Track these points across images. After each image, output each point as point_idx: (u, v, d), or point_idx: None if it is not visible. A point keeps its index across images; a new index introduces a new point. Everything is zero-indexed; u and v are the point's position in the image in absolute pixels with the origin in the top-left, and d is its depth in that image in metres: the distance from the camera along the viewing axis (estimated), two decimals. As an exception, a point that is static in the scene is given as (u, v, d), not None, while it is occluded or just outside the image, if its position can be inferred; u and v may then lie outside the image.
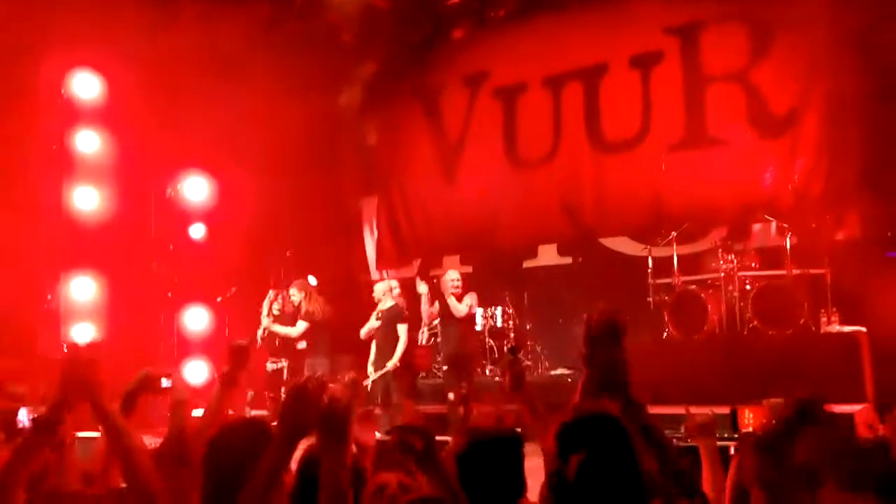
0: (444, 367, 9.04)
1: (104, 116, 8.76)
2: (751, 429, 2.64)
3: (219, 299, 9.32)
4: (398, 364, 8.39)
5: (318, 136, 10.52)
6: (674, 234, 9.01)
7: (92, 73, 8.72)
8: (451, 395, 8.15)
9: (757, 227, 8.97)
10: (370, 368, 8.46)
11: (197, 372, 8.98)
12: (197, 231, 9.34)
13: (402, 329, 8.53)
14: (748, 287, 8.49)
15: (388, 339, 8.52)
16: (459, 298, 8.49)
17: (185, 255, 9.25)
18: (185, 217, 9.32)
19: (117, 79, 8.66)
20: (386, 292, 8.81)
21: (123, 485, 2.36)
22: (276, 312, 8.72)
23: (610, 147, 10.19)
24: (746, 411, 2.49)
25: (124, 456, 2.29)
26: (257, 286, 9.20)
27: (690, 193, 9.17)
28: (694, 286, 8.82)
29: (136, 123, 8.43)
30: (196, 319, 9.17)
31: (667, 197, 9.41)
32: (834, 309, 7.99)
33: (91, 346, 2.44)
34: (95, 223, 8.48)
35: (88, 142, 8.74)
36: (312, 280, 9.76)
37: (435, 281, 9.33)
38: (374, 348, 8.60)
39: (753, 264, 8.74)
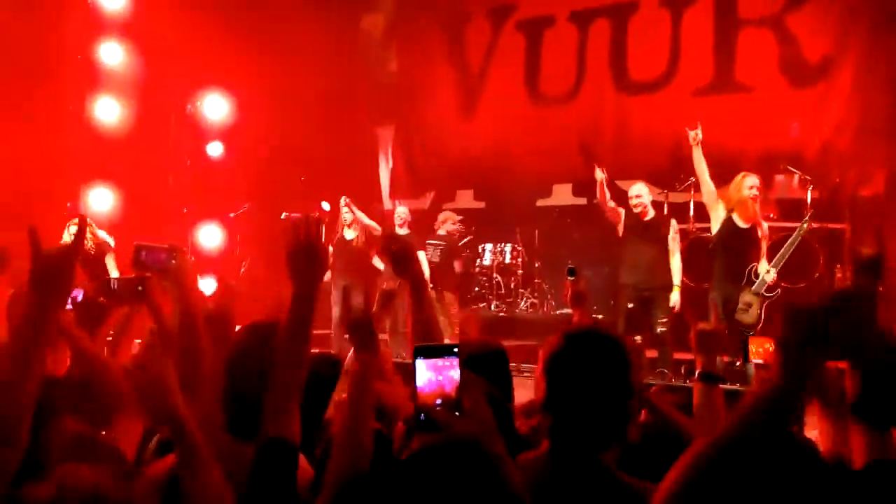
0: None
1: (129, 29, 8.64)
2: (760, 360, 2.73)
3: (231, 215, 9.34)
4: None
5: (339, 60, 10.36)
6: (692, 179, 8.91)
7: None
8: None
9: (779, 177, 8.88)
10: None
11: (207, 286, 9.05)
12: (214, 149, 9.29)
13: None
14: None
15: (443, 269, 8.32)
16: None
17: (202, 171, 9.22)
18: (203, 134, 9.25)
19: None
20: (446, 221, 8.73)
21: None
22: None
23: (634, 88, 10.03)
24: (754, 342, 2.52)
25: None
26: (271, 206, 9.19)
27: (714, 140, 9.01)
28: (707, 234, 8.77)
29: (161, 37, 8.27)
30: (209, 236, 9.19)
31: (688, 142, 9.27)
32: (849, 265, 7.96)
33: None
34: (116, 135, 8.43)
35: (113, 53, 8.64)
36: (325, 206, 9.74)
37: None
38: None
39: (771, 215, 8.67)
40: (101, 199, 8.32)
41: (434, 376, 1.73)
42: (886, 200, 7.87)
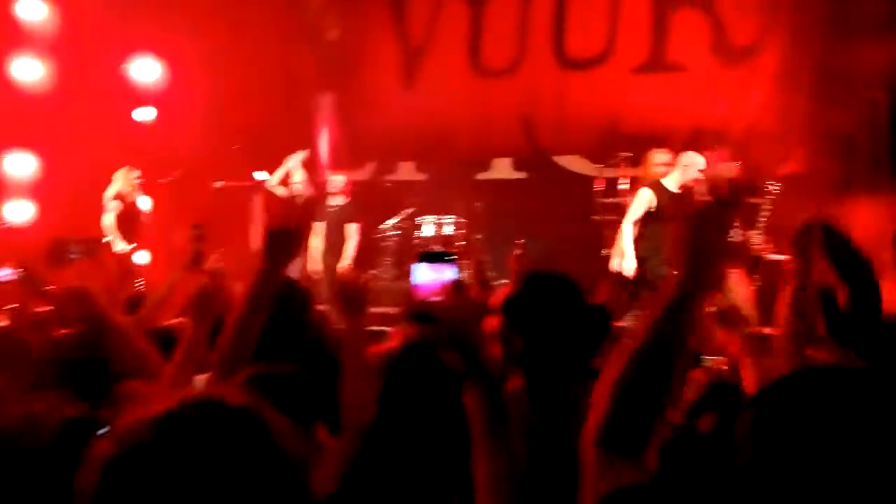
0: None
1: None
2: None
3: (161, 181, 9.12)
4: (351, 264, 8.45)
5: (278, 26, 10.20)
6: (625, 155, 9.09)
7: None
8: None
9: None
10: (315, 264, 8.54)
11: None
12: (145, 114, 9.08)
13: (352, 228, 8.61)
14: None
15: (336, 237, 8.55)
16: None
17: (132, 136, 9.00)
18: (134, 98, 9.03)
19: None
20: (340, 188, 8.88)
21: None
22: None
23: (573, 64, 10.12)
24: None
25: None
26: (204, 175, 9.07)
27: (647, 116, 9.21)
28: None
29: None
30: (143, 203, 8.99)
31: (624, 118, 9.46)
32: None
33: None
34: (38, 97, 8.15)
35: (33, 9, 8.29)
36: (262, 175, 9.63)
37: None
38: (316, 245, 8.57)
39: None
40: (20, 165, 8.07)
41: (432, 278, 2.11)
42: (804, 179, 8.11)
